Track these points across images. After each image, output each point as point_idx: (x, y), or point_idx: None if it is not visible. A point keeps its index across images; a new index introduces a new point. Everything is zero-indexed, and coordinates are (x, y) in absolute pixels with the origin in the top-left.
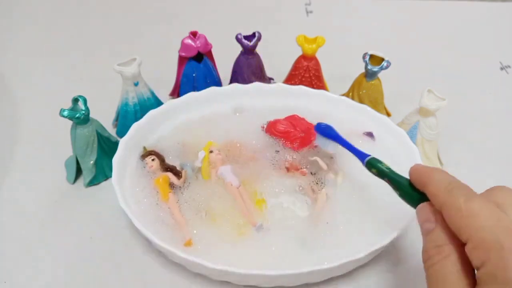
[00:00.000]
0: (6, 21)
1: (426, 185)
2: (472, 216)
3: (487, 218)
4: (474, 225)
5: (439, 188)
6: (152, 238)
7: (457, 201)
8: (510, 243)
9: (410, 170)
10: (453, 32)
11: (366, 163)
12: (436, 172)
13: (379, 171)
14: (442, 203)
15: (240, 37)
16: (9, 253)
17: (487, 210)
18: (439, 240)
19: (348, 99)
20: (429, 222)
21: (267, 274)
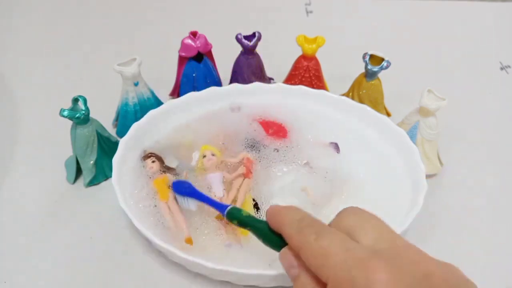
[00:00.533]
0: (6, 21)
1: (281, 227)
2: (324, 254)
3: (338, 254)
4: (327, 264)
5: (291, 229)
6: (152, 238)
7: (308, 241)
8: (362, 277)
9: (266, 212)
10: (453, 32)
11: (226, 214)
12: (289, 211)
13: (240, 221)
14: (296, 246)
15: (240, 37)
16: (9, 253)
17: (336, 245)
18: (306, 285)
19: (348, 99)
20: (293, 268)
21: (267, 274)
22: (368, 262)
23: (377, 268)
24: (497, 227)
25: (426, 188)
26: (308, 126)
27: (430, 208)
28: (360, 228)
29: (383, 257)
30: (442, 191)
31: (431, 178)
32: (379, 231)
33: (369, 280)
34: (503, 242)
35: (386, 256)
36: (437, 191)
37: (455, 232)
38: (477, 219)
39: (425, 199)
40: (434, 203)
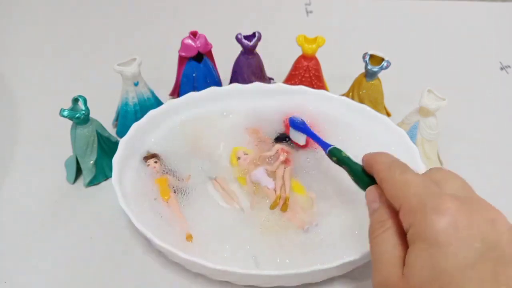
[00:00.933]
0: (6, 21)
1: (372, 166)
2: (404, 185)
3: (417, 186)
4: (405, 193)
5: (381, 166)
6: (152, 238)
7: (393, 174)
8: (433, 203)
9: (363, 157)
10: (453, 32)
11: (328, 151)
12: (382, 154)
13: (339, 159)
14: (382, 178)
15: (240, 37)
16: (9, 253)
17: (417, 180)
18: (382, 216)
19: (348, 99)
20: (375, 202)
21: (267, 274)
22: (442, 195)
23: (448, 200)
24: None
25: None
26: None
27: None
28: (445, 181)
29: (458, 198)
30: None
31: None
32: (462, 185)
33: (439, 207)
34: None
35: (460, 198)
36: None
37: None
38: None
39: None
40: None
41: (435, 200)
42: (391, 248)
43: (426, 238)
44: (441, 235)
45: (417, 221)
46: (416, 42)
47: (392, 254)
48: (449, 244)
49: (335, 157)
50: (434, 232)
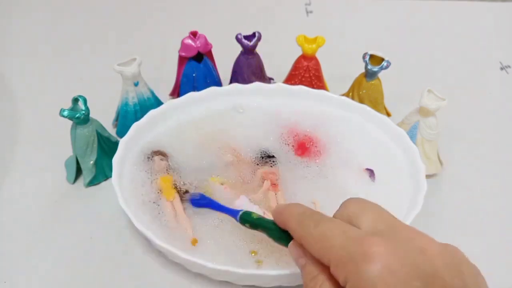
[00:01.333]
0: (6, 21)
1: (285, 223)
2: (323, 238)
3: (336, 236)
4: (327, 246)
5: (293, 222)
6: (152, 238)
7: (308, 230)
8: (359, 250)
9: (272, 212)
10: (453, 32)
11: (239, 219)
12: (292, 207)
13: (251, 223)
14: (299, 237)
15: (240, 37)
16: (9, 253)
17: (334, 229)
18: (312, 272)
19: (348, 99)
20: (300, 258)
21: (267, 274)
22: (365, 239)
23: (373, 243)
24: (497, 227)
25: (426, 188)
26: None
27: (430, 208)
28: (360, 214)
29: (380, 234)
30: (442, 191)
31: (431, 178)
32: (378, 215)
33: (366, 254)
34: (504, 242)
35: (383, 233)
36: (437, 191)
37: (455, 232)
38: (477, 219)
39: (425, 199)
40: (434, 203)
41: (359, 247)
42: None
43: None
44: (379, 283)
45: (351, 274)
46: (416, 42)
47: None
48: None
49: (248, 223)
50: (371, 283)
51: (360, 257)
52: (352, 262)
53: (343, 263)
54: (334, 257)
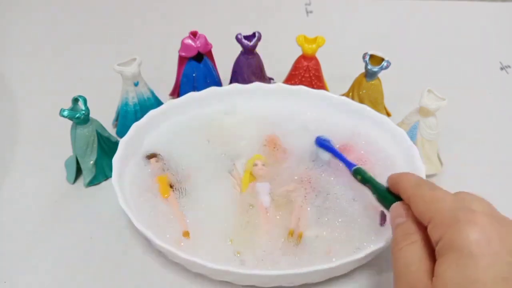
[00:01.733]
0: (6, 21)
1: (398, 183)
2: (434, 201)
3: (447, 201)
4: (435, 207)
5: (408, 184)
6: (152, 238)
7: (422, 191)
8: (466, 216)
9: (389, 176)
10: (453, 32)
11: (353, 171)
12: (408, 174)
13: (363, 178)
14: (410, 195)
15: (240, 37)
16: (9, 253)
17: (448, 196)
18: (408, 229)
19: (348, 99)
20: (400, 217)
21: (267, 274)
22: (475, 211)
23: (479, 215)
24: None
25: None
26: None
27: None
28: (471, 200)
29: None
30: None
31: (431, 178)
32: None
33: (471, 220)
34: None
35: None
36: None
37: None
38: None
39: None
40: None
41: (467, 214)
42: (418, 261)
43: (459, 248)
44: (474, 246)
45: (449, 232)
46: (416, 42)
47: (419, 266)
48: (482, 256)
49: (359, 176)
50: (467, 243)
51: (465, 221)
52: (455, 222)
53: (446, 223)
54: (439, 217)
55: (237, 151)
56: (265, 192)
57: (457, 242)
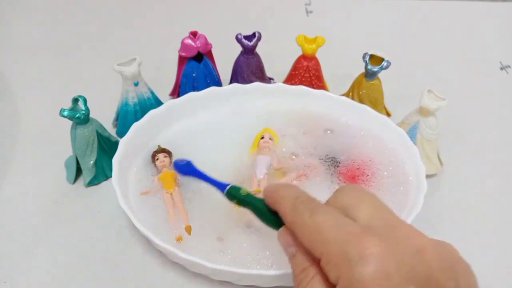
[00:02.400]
0: (6, 21)
1: (276, 205)
2: (318, 230)
3: (331, 229)
4: (320, 239)
5: (286, 207)
6: (152, 238)
7: (302, 218)
8: (354, 250)
9: (263, 190)
10: (453, 32)
11: (226, 193)
12: (285, 188)
13: (239, 199)
14: (291, 223)
15: (240, 37)
16: (9, 253)
17: (330, 221)
18: (303, 263)
19: (348, 99)
20: (290, 247)
21: (267, 274)
22: (361, 237)
23: (369, 242)
24: (497, 227)
25: (426, 188)
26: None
27: (430, 208)
28: (356, 205)
29: (376, 232)
30: (442, 191)
31: (431, 178)
32: (375, 208)
33: (361, 254)
34: (503, 242)
35: (379, 231)
36: (437, 191)
37: (455, 232)
38: (477, 219)
39: (425, 199)
40: (434, 203)
41: (355, 246)
42: None
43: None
44: (374, 285)
45: (344, 274)
46: (416, 42)
47: None
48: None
49: (235, 199)
50: (365, 285)
51: (355, 258)
52: (346, 261)
53: (336, 261)
54: (327, 252)
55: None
56: (263, 165)
57: (355, 285)
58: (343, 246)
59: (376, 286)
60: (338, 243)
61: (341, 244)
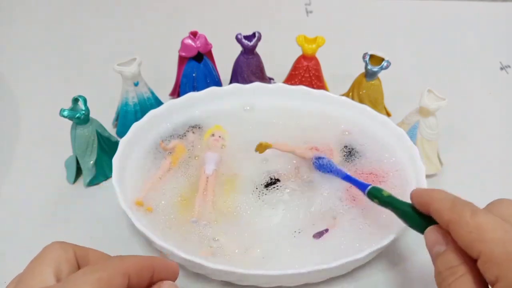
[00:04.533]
0: (6, 21)
1: (429, 205)
2: (480, 230)
3: (495, 230)
4: (483, 239)
5: (443, 206)
6: (152, 238)
7: (463, 217)
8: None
9: (412, 194)
10: (453, 32)
11: (367, 193)
12: (438, 191)
13: (381, 200)
14: (448, 221)
15: (240, 37)
16: (9, 253)
17: (494, 223)
18: (452, 261)
19: (348, 99)
20: (439, 245)
21: (267, 274)
22: None
23: None
24: None
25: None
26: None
27: None
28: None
29: None
30: None
31: (431, 178)
32: None
33: None
34: None
35: None
36: None
37: None
38: None
39: None
40: None
41: None
42: None
43: None
44: None
45: (505, 273)
46: (416, 42)
47: None
48: None
49: (376, 199)
50: None
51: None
52: (510, 261)
53: (498, 261)
54: (489, 252)
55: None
56: (212, 162)
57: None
58: (508, 246)
59: None
60: (503, 243)
61: (506, 244)
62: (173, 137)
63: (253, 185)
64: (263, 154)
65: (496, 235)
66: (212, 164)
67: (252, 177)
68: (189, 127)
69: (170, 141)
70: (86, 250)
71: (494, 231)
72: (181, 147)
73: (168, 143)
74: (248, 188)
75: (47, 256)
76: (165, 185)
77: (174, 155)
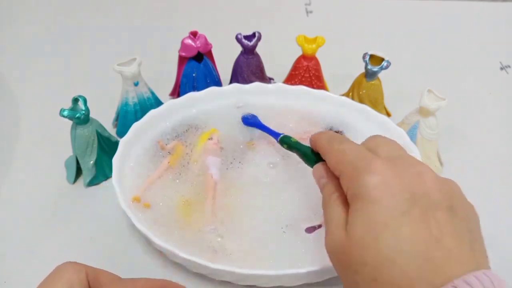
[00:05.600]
0: (6, 21)
1: (315, 142)
2: (342, 154)
3: (351, 152)
4: (341, 160)
5: (323, 141)
6: (152, 238)
7: (332, 145)
8: (364, 165)
9: (310, 138)
10: (453, 32)
11: (279, 140)
12: (324, 132)
13: (289, 145)
14: (324, 151)
15: (240, 37)
16: (9, 253)
17: (353, 148)
18: (330, 189)
19: (348, 99)
20: (322, 178)
21: (267, 274)
22: (373, 159)
23: (377, 161)
24: (497, 227)
25: None
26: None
27: None
28: (380, 146)
29: (388, 158)
30: None
31: None
32: (392, 147)
33: (369, 168)
34: (503, 242)
35: (390, 158)
36: None
37: None
38: None
39: None
40: None
41: (366, 163)
42: (337, 214)
43: (361, 196)
44: (373, 191)
45: (353, 183)
46: (416, 42)
47: (338, 218)
48: (381, 199)
49: (285, 144)
50: (368, 191)
51: (363, 170)
52: (357, 174)
53: (349, 175)
54: (344, 169)
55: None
56: (215, 166)
57: (359, 190)
58: (357, 162)
59: (376, 190)
60: (354, 161)
61: (355, 162)
62: (173, 137)
63: (254, 185)
64: (262, 149)
65: (351, 156)
66: (217, 170)
67: (253, 176)
68: (189, 127)
69: (170, 141)
70: (97, 271)
71: (350, 153)
72: (181, 147)
73: (167, 143)
74: (249, 188)
75: (60, 276)
76: (165, 187)
77: (173, 155)
